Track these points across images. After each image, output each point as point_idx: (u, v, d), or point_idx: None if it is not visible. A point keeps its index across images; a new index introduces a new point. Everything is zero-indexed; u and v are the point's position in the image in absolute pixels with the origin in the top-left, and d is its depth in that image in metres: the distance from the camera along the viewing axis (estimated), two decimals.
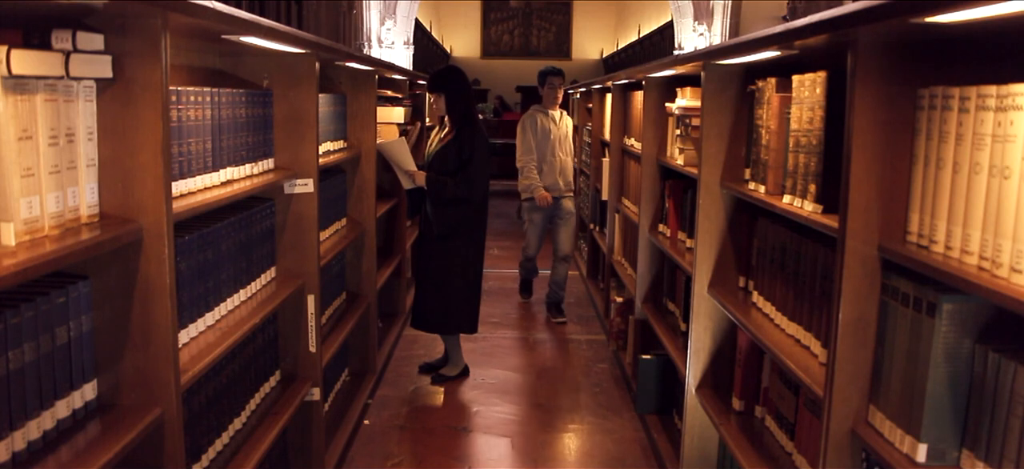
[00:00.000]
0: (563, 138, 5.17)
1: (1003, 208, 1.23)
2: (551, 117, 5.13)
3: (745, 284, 2.52)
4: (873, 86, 1.50)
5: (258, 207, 2.33)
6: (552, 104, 5.13)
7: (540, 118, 5.11)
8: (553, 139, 5.09)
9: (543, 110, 5.15)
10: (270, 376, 2.47)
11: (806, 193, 1.90)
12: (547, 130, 5.11)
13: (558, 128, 5.14)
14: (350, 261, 3.75)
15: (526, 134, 5.09)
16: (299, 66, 2.48)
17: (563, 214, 5.17)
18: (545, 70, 5.18)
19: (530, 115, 5.16)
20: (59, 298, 1.37)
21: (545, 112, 5.13)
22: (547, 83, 5.10)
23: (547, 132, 5.11)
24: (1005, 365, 1.28)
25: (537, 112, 5.15)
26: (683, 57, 2.85)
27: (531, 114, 5.16)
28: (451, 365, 4.13)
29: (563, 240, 5.18)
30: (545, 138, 5.09)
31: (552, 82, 5.10)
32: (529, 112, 5.22)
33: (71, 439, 1.39)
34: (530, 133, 5.08)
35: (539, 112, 5.14)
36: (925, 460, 1.42)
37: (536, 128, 5.10)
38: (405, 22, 10.35)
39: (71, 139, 1.38)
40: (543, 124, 5.10)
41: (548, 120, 5.12)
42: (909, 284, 1.46)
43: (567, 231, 5.20)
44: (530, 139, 5.08)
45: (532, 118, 5.13)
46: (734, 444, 2.28)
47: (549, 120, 5.12)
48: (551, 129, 5.12)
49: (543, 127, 5.10)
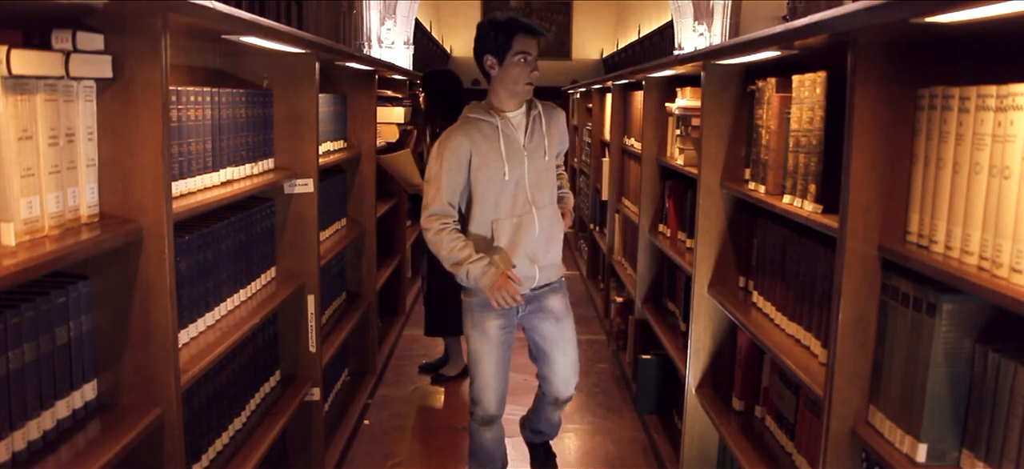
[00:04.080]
0: (541, 162, 2.44)
1: (1003, 208, 1.23)
2: (507, 120, 2.41)
3: (745, 284, 2.52)
4: (873, 86, 1.50)
5: (258, 207, 2.33)
6: (511, 93, 2.40)
7: (483, 125, 2.40)
8: (520, 168, 2.40)
9: (489, 111, 2.42)
10: (270, 376, 2.47)
11: (806, 193, 1.90)
12: (497, 148, 2.38)
13: (529, 140, 2.42)
14: (350, 261, 3.75)
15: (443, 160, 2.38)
16: (299, 66, 2.48)
17: (549, 315, 2.53)
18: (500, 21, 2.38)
19: (461, 125, 2.43)
20: (59, 298, 1.38)
21: (491, 113, 2.41)
22: (511, 47, 2.34)
23: (499, 153, 2.38)
24: (1005, 365, 1.28)
25: (477, 116, 2.42)
26: (683, 57, 2.85)
27: (464, 121, 2.43)
28: (451, 365, 4.13)
29: (560, 367, 2.57)
30: (497, 164, 2.38)
31: (519, 45, 2.35)
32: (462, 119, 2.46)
33: (71, 439, 1.39)
34: (452, 156, 2.37)
35: (480, 115, 2.42)
36: (925, 460, 1.42)
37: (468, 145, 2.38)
38: (405, 22, 10.36)
39: (71, 139, 1.38)
40: (489, 135, 2.39)
41: (506, 125, 2.41)
42: (909, 284, 1.46)
43: (564, 347, 2.56)
44: (453, 169, 2.38)
45: (466, 129, 2.40)
46: (734, 444, 2.28)
47: (507, 124, 2.41)
48: (516, 144, 2.41)
49: (491, 141, 2.39)
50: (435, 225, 2.38)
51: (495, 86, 2.42)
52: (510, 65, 2.36)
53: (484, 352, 2.48)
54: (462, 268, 2.36)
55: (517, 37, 2.34)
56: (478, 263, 2.34)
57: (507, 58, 2.35)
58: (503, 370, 2.52)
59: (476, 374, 2.51)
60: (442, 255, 2.39)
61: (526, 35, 2.36)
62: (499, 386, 2.51)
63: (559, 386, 2.59)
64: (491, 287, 2.33)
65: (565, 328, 2.56)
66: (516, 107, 2.44)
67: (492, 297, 2.33)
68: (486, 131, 2.39)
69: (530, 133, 2.44)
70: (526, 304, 2.48)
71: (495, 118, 2.40)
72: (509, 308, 2.41)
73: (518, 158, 2.41)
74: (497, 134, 2.39)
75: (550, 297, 2.52)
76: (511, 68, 2.36)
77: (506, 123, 2.41)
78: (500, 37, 2.35)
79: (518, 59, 2.35)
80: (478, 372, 2.50)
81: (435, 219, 2.39)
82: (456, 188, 2.39)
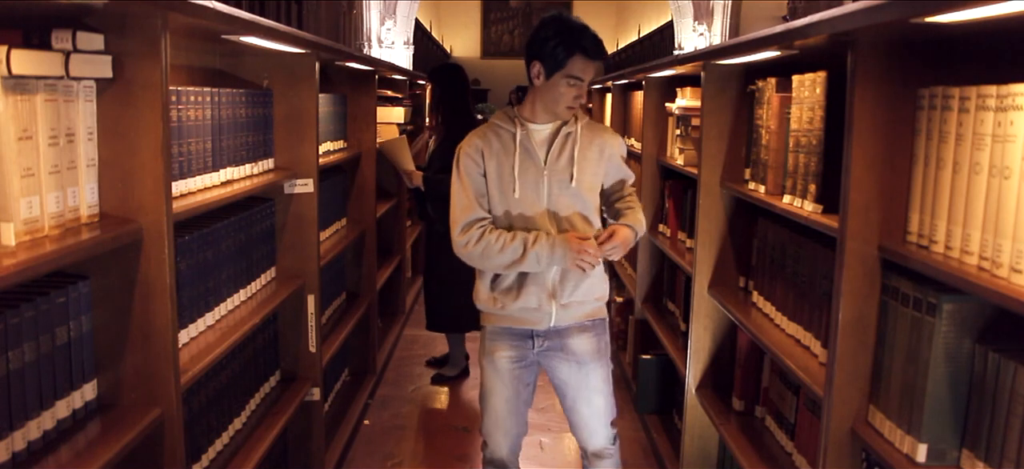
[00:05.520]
0: (567, 187, 2.12)
1: (1003, 208, 1.23)
2: (529, 133, 2.13)
3: (745, 284, 2.52)
4: (873, 86, 1.50)
5: (258, 207, 2.33)
6: (548, 110, 2.12)
7: (503, 133, 2.14)
8: (536, 188, 2.12)
9: (512, 119, 2.15)
10: (270, 376, 2.47)
11: (806, 193, 1.90)
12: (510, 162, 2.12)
13: (555, 159, 2.12)
14: (350, 261, 3.75)
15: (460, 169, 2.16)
16: (299, 66, 2.48)
17: (570, 358, 2.21)
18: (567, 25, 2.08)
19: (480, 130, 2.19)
20: (59, 298, 1.38)
21: (514, 121, 2.15)
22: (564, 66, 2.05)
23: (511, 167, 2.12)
24: (1005, 365, 1.28)
25: (498, 122, 2.18)
26: (683, 57, 2.85)
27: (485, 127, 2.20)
28: (451, 365, 4.13)
29: (580, 417, 2.26)
30: (508, 179, 2.12)
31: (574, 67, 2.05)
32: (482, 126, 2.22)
33: (71, 439, 1.39)
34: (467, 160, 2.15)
35: (502, 122, 2.16)
36: (925, 460, 1.42)
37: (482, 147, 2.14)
38: (405, 22, 10.35)
39: (71, 139, 1.38)
40: (507, 145, 2.13)
41: (527, 138, 2.13)
42: (909, 284, 1.46)
43: (587, 396, 2.23)
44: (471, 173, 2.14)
45: (484, 134, 2.17)
46: (734, 444, 2.28)
47: (528, 137, 2.13)
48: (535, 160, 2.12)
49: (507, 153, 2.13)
50: (474, 234, 2.07)
51: (533, 94, 2.12)
52: (557, 82, 2.05)
53: (494, 387, 2.21)
54: (526, 257, 2.03)
55: (575, 58, 2.03)
56: (542, 241, 2.03)
57: (556, 75, 2.04)
58: (516, 411, 2.22)
59: (485, 410, 2.25)
60: (496, 262, 2.07)
61: (586, 59, 2.04)
62: (510, 428, 2.23)
63: (582, 437, 2.25)
64: (569, 260, 2.03)
65: (590, 374, 2.19)
66: (547, 121, 2.14)
67: (576, 267, 2.04)
68: (504, 140, 2.11)
69: (557, 152, 2.11)
70: (542, 341, 2.18)
71: (516, 128, 2.11)
72: (523, 341, 2.17)
73: (533, 176, 2.09)
74: (514, 146, 2.10)
75: (574, 337, 2.18)
76: (557, 86, 2.05)
77: (527, 136, 2.11)
78: (558, 50, 2.03)
79: (568, 81, 2.05)
80: (486, 407, 2.24)
81: (470, 228, 2.08)
82: (481, 189, 2.12)
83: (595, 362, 2.21)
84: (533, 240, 2.04)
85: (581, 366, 2.20)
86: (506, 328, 2.19)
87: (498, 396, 2.22)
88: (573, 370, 2.20)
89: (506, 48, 17.04)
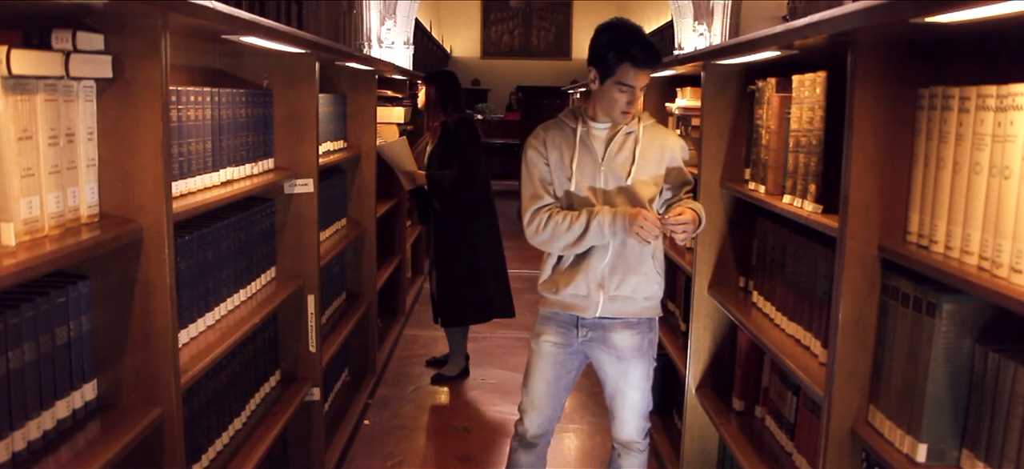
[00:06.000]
0: (624, 183, 2.20)
1: (1003, 208, 1.23)
2: (590, 129, 2.24)
3: (745, 284, 2.52)
4: (873, 86, 1.50)
5: (258, 207, 2.33)
6: (606, 113, 2.21)
7: (565, 128, 2.27)
8: (592, 181, 2.21)
9: (575, 116, 2.27)
10: (270, 376, 2.47)
11: (806, 193, 1.90)
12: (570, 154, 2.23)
13: (614, 155, 2.21)
14: (350, 261, 3.75)
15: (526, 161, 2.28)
16: (299, 66, 2.48)
17: (612, 351, 2.30)
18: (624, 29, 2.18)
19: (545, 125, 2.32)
20: (59, 298, 1.38)
21: (577, 118, 2.26)
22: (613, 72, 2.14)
23: (570, 159, 2.22)
24: (1005, 365, 1.28)
25: (563, 118, 2.30)
26: (683, 57, 2.85)
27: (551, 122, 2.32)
28: (450, 365, 4.13)
29: (616, 408, 2.36)
30: (566, 169, 2.22)
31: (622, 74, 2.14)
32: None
33: (71, 439, 1.39)
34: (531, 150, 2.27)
35: (566, 118, 2.29)
36: (925, 460, 1.42)
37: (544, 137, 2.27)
38: (405, 22, 10.35)
39: (71, 139, 1.38)
40: (568, 138, 2.25)
41: (587, 134, 2.24)
42: (909, 284, 1.46)
43: (625, 390, 2.32)
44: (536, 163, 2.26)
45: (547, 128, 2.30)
46: (734, 444, 2.28)
47: (588, 133, 2.24)
48: (593, 154, 2.22)
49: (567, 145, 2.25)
50: (541, 218, 2.19)
51: (594, 97, 2.22)
52: (609, 89, 2.15)
53: (537, 367, 2.35)
54: (590, 229, 2.12)
55: (623, 66, 2.11)
56: (603, 213, 2.12)
57: (608, 81, 2.14)
58: (554, 393, 2.34)
59: (525, 387, 2.38)
60: (564, 240, 2.17)
61: (633, 67, 2.11)
62: (544, 407, 2.35)
63: (615, 426, 2.37)
64: (628, 229, 2.09)
65: (629, 370, 2.29)
66: (607, 121, 2.23)
67: (636, 236, 2.09)
68: (566, 134, 2.24)
69: (616, 149, 2.20)
70: (587, 331, 2.28)
71: (577, 124, 2.23)
72: (568, 329, 2.29)
73: (590, 170, 2.20)
74: (574, 139, 2.22)
75: (618, 332, 2.26)
76: (610, 92, 2.15)
77: (587, 131, 2.23)
78: (610, 56, 2.12)
79: (619, 88, 2.13)
80: (527, 384, 2.38)
81: (538, 214, 2.20)
82: (546, 177, 2.23)
83: (636, 359, 2.30)
84: (596, 211, 2.15)
85: (621, 360, 2.29)
86: (554, 313, 2.31)
87: (539, 376, 2.35)
88: (613, 362, 2.31)
89: (506, 48, 17.04)
